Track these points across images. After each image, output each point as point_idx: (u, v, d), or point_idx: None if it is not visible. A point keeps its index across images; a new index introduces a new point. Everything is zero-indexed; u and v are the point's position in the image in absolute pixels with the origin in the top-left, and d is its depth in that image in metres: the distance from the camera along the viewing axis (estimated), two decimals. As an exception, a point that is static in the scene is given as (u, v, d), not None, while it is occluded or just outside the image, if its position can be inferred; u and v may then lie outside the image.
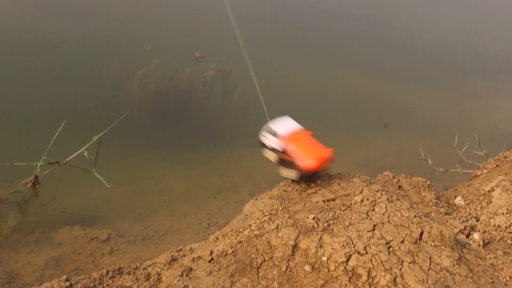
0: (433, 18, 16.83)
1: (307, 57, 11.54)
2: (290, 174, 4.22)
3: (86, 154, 5.94)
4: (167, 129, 7.43)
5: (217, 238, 3.82)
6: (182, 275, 3.36)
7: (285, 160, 4.26)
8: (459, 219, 4.74)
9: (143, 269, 3.66)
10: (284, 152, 4.26)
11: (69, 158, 5.89)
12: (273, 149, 4.36)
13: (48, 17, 10.28)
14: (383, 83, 11.13)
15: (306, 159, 4.12)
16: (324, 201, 4.01)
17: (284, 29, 13.16)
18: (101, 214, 5.60)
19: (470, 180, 5.91)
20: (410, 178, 5.15)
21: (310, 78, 10.48)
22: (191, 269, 3.42)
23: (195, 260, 3.52)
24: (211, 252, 3.48)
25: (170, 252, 3.90)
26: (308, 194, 4.21)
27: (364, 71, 11.52)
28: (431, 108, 10.78)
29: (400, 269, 3.35)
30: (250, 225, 3.70)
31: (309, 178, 4.26)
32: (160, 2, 12.26)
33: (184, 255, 3.80)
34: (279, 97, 9.22)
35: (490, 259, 4.01)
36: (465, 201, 5.11)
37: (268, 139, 4.39)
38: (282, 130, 4.33)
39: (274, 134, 4.34)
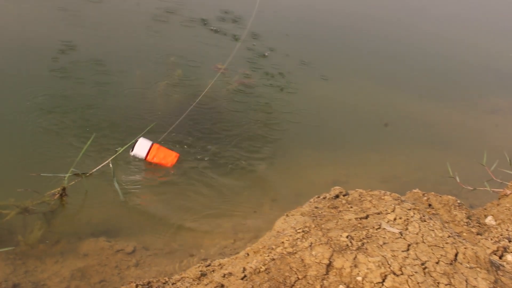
0: (455, 36, 16.78)
1: (329, 70, 11.50)
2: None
3: (111, 165, 5.94)
4: (189, 140, 7.42)
5: (248, 254, 3.78)
6: (214, 291, 3.33)
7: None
8: (491, 239, 4.65)
9: (172, 284, 3.64)
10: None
11: (95, 169, 5.89)
12: None
13: (71, 27, 10.36)
14: (405, 99, 11.08)
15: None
16: (356, 219, 3.96)
17: (304, 43, 13.18)
18: (126, 226, 5.59)
19: (499, 199, 5.82)
20: (440, 197, 5.08)
21: (332, 92, 10.45)
22: (222, 286, 3.38)
23: (226, 276, 3.48)
24: (244, 269, 3.44)
25: (199, 266, 3.87)
26: (339, 211, 4.16)
27: (386, 86, 11.48)
28: (453, 124, 10.68)
29: (437, 291, 3.28)
30: (283, 242, 3.66)
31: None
32: (181, 15, 12.33)
33: (213, 271, 3.77)
34: (302, 110, 9.21)
35: (525, 282, 3.92)
36: (496, 221, 5.03)
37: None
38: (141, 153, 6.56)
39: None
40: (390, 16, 17.42)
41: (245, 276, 3.39)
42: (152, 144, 6.54)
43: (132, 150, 6.52)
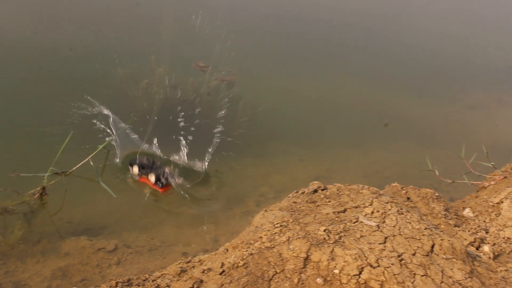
0: (436, 30, 16.90)
1: (311, 68, 11.57)
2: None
3: (92, 163, 5.93)
4: (171, 139, 7.41)
5: (227, 250, 3.80)
6: (193, 287, 3.34)
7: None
8: (469, 231, 4.72)
9: (153, 281, 3.64)
10: None
11: (75, 168, 5.89)
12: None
13: (52, 27, 10.31)
14: (387, 94, 11.16)
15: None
16: (334, 213, 4.00)
17: (287, 40, 13.22)
18: (107, 224, 5.57)
19: (478, 191, 5.89)
20: (419, 190, 5.13)
21: (314, 89, 10.50)
22: (201, 281, 3.40)
23: (205, 272, 3.50)
24: (222, 264, 3.46)
25: (179, 263, 3.88)
26: (318, 205, 4.19)
27: (368, 82, 11.55)
28: (435, 118, 10.79)
29: (413, 282, 3.33)
30: (261, 237, 3.68)
31: None
32: (163, 12, 12.31)
33: (193, 267, 3.78)
34: (285, 107, 9.25)
35: (501, 271, 3.99)
36: (473, 213, 5.09)
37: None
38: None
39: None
40: (374, 9, 17.52)
41: (223, 271, 3.41)
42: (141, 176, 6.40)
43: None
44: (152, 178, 6.33)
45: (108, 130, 6.78)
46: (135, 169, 6.42)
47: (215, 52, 8.73)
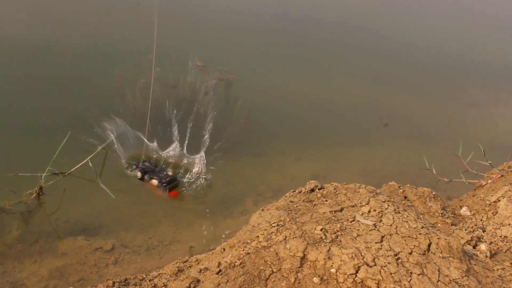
0: (434, 28, 16.91)
1: (310, 67, 11.57)
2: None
3: (90, 164, 5.93)
4: (169, 138, 7.41)
5: (224, 249, 3.81)
6: (189, 286, 3.34)
7: None
8: (466, 229, 4.72)
9: (149, 280, 3.64)
10: None
11: (74, 169, 5.88)
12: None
13: (51, 27, 10.30)
14: (385, 92, 11.15)
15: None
16: (331, 212, 4.00)
17: (285, 39, 13.21)
18: (104, 224, 5.57)
19: (475, 190, 5.90)
20: (416, 189, 5.14)
21: (312, 87, 10.50)
22: (198, 281, 3.40)
23: (202, 271, 3.50)
24: (219, 264, 3.46)
25: (176, 263, 3.88)
26: (314, 205, 4.20)
27: (366, 80, 11.55)
28: (432, 117, 10.79)
29: (409, 281, 3.33)
30: (257, 236, 3.68)
31: None
32: (161, 11, 12.29)
33: (190, 266, 3.78)
34: (282, 106, 9.25)
35: (497, 270, 3.99)
36: (470, 211, 5.10)
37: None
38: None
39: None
40: (374, 8, 17.53)
41: (220, 270, 3.41)
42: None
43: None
44: (154, 182, 6.32)
45: (109, 132, 6.75)
46: (138, 174, 6.44)
47: (213, 51, 8.70)
